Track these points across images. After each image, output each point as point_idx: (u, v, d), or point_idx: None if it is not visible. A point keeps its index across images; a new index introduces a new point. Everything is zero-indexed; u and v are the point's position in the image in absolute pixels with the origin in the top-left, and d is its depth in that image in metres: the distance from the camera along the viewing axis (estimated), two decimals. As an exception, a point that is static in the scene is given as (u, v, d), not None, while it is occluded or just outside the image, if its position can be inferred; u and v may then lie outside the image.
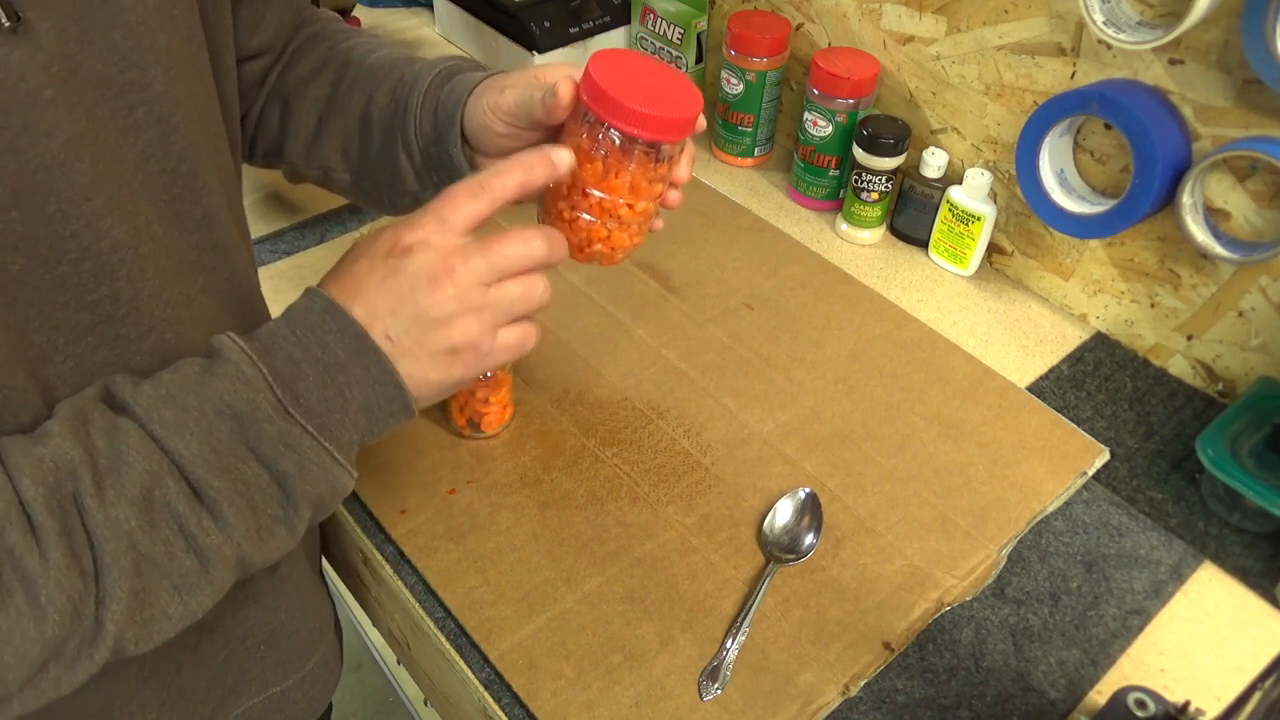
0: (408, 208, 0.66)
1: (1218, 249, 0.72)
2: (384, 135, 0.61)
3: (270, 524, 0.45)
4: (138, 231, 0.45)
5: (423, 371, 0.48)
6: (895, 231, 0.95)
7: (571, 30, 1.07)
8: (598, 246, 0.56)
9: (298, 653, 0.65)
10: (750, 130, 1.01)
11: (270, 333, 0.46)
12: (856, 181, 0.91)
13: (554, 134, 0.57)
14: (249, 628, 0.60)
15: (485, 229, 0.51)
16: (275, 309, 0.81)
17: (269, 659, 0.63)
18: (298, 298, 0.48)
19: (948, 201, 0.88)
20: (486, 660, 0.60)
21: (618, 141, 0.52)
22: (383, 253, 0.48)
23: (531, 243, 0.50)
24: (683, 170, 0.57)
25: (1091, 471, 0.74)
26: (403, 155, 0.61)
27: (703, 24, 1.07)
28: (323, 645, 0.67)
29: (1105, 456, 0.75)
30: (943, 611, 0.64)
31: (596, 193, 0.54)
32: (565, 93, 0.52)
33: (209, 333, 0.51)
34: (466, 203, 0.50)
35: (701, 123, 0.55)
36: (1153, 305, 0.82)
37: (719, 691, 0.59)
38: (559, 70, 0.56)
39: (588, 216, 0.55)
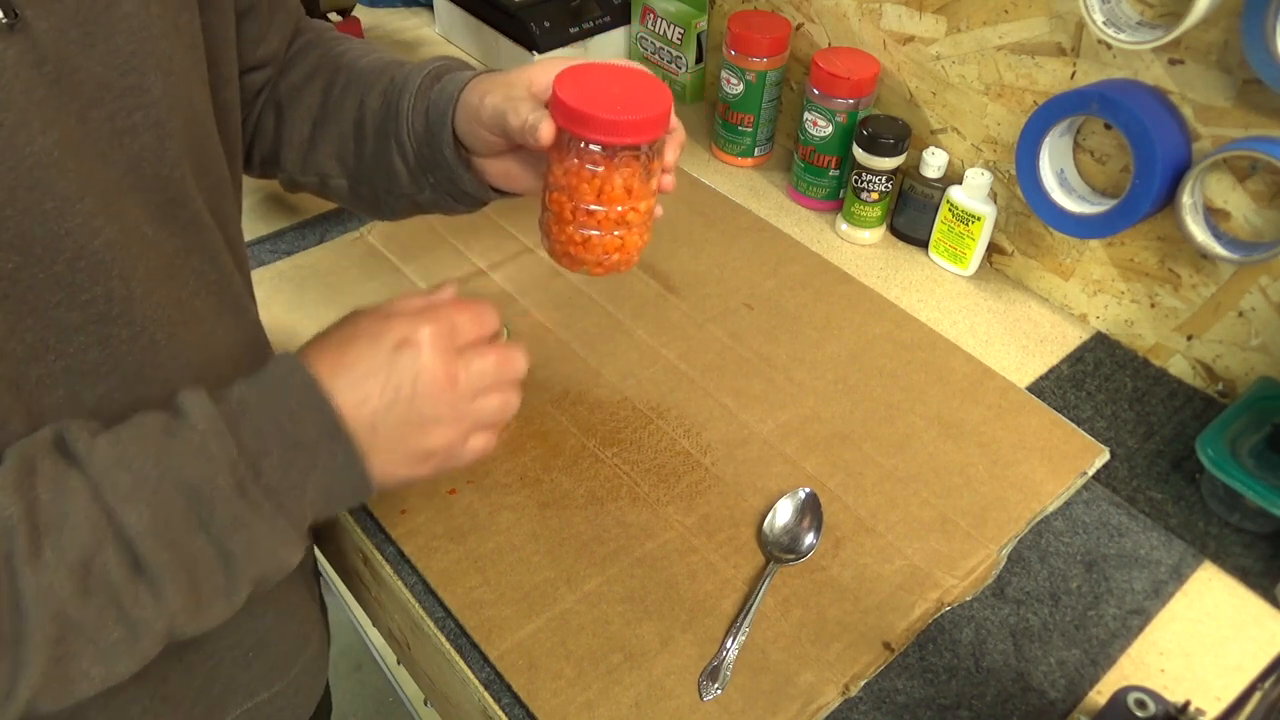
0: (405, 212, 0.66)
1: (1218, 249, 0.72)
2: (377, 139, 0.61)
3: (209, 597, 0.44)
4: (128, 232, 0.45)
5: (392, 466, 0.48)
6: (895, 231, 0.95)
7: (571, 30, 1.07)
8: (615, 256, 0.57)
9: (284, 658, 0.64)
10: (750, 130, 1.01)
11: (241, 399, 0.45)
12: (856, 181, 0.91)
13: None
14: (238, 635, 0.59)
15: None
16: (275, 308, 0.82)
17: (256, 666, 0.62)
18: (275, 361, 0.46)
19: (948, 201, 0.88)
20: (486, 660, 0.60)
21: (602, 152, 0.53)
22: (389, 341, 0.47)
23: (517, 361, 0.52)
24: (670, 155, 0.57)
25: (1091, 471, 0.74)
26: (397, 158, 0.61)
27: (703, 24, 1.07)
28: (308, 651, 0.67)
29: (1105, 456, 0.75)
30: (943, 611, 0.64)
31: (598, 208, 0.54)
32: (547, 133, 0.53)
33: (200, 335, 0.51)
34: (485, 321, 0.51)
35: (676, 122, 0.56)
36: (1153, 305, 0.82)
37: (719, 691, 0.59)
38: (544, 72, 0.55)
39: (597, 232, 0.55)
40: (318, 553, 0.82)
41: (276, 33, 0.62)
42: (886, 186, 0.90)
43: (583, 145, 0.53)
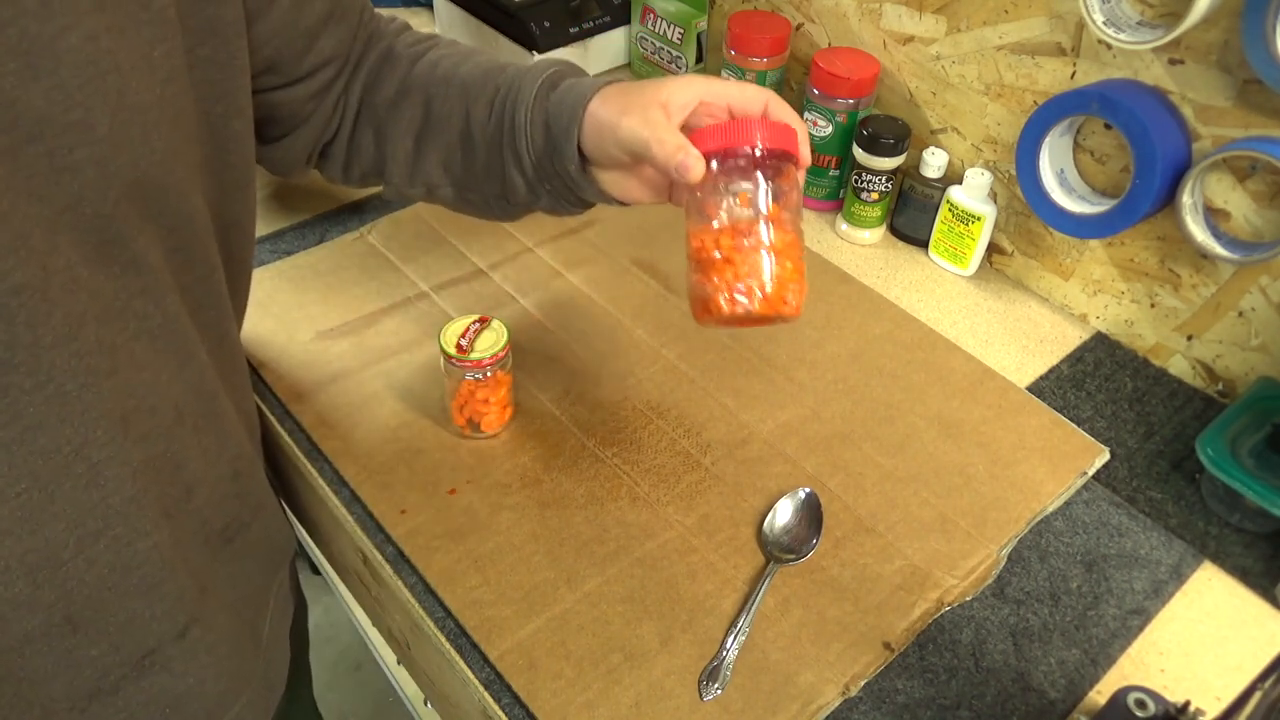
0: (517, 215, 0.65)
1: (1218, 249, 0.72)
2: (489, 151, 0.61)
3: None
4: (51, 274, 0.42)
5: None
6: (895, 231, 0.95)
7: (571, 30, 1.07)
8: (775, 285, 0.53)
9: (206, 714, 0.60)
10: (750, 130, 1.01)
11: None
12: (856, 181, 0.91)
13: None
14: (153, 694, 0.56)
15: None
16: (275, 308, 0.82)
17: None
18: None
19: (948, 201, 0.88)
20: (486, 660, 0.60)
21: (746, 166, 0.53)
22: None
23: None
24: (800, 177, 0.56)
25: (1091, 471, 0.74)
26: (513, 170, 0.60)
27: (703, 24, 1.07)
28: (239, 703, 0.62)
29: (1105, 456, 0.75)
30: (943, 611, 0.64)
31: (748, 229, 0.53)
32: (699, 172, 0.52)
33: (134, 383, 0.48)
34: None
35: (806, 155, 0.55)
36: (1153, 305, 0.82)
37: (719, 691, 0.58)
38: (681, 91, 0.54)
39: (750, 261, 0.53)
40: (318, 555, 0.82)
41: (329, 43, 0.60)
42: (886, 186, 0.90)
43: (727, 166, 0.53)
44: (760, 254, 0.53)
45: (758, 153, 0.53)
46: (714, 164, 0.53)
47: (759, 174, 0.53)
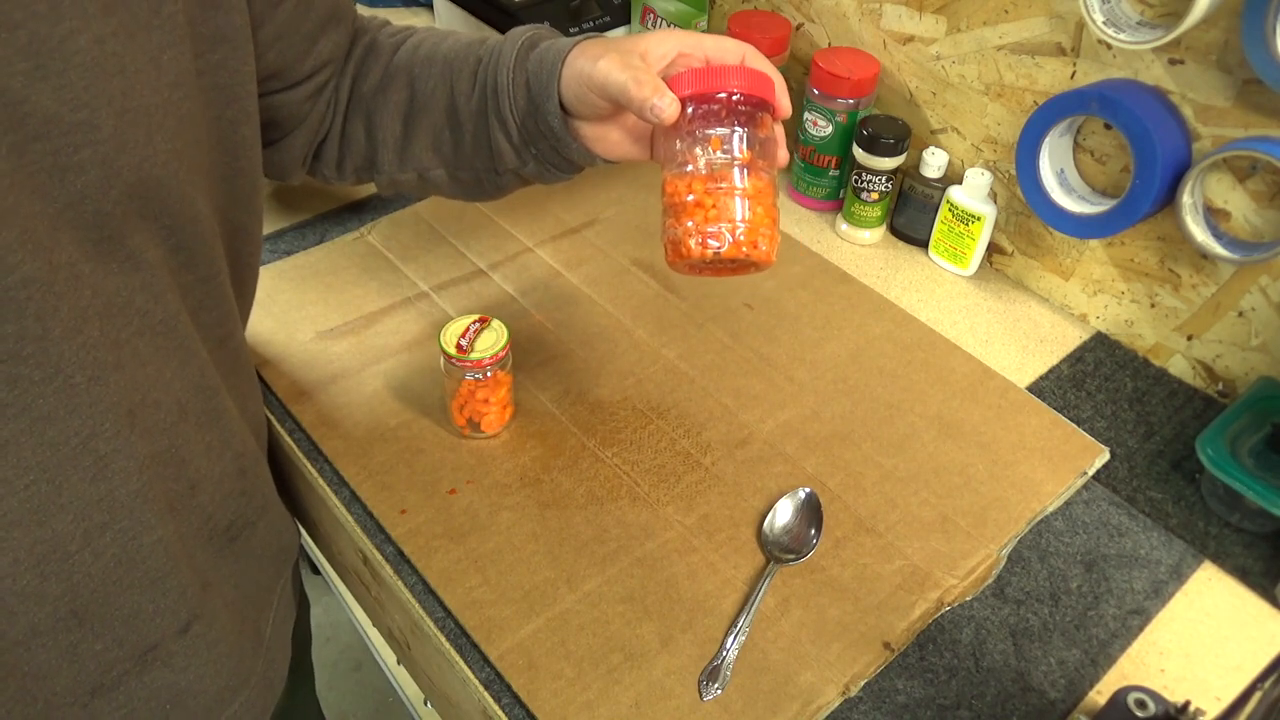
0: (508, 188, 0.66)
1: (1218, 249, 0.72)
2: (476, 120, 0.62)
3: None
4: (56, 270, 0.42)
5: None
6: (895, 231, 0.95)
7: (571, 30, 1.07)
8: (744, 229, 0.53)
9: (206, 710, 0.60)
10: (750, 130, 1.01)
11: None
12: (856, 181, 0.91)
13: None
14: (154, 689, 0.56)
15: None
16: (275, 308, 0.82)
17: (174, 717, 0.58)
18: None
19: (948, 201, 0.88)
20: (486, 660, 0.60)
21: (723, 112, 0.53)
22: None
23: None
24: (779, 129, 0.57)
25: (1091, 471, 0.74)
26: (500, 135, 0.61)
27: (703, 24, 1.07)
28: (237, 701, 0.62)
29: (1105, 456, 0.75)
30: (943, 611, 0.64)
31: (723, 172, 0.53)
32: (673, 112, 0.53)
33: (137, 378, 0.48)
34: None
35: (785, 104, 0.56)
36: (1153, 305, 0.82)
37: (719, 691, 0.58)
38: (659, 43, 0.55)
39: (723, 203, 0.53)
40: (318, 554, 0.82)
41: (327, 46, 0.61)
42: (886, 186, 0.90)
43: (703, 111, 0.53)
44: (733, 198, 0.53)
45: (734, 98, 0.53)
46: (690, 109, 0.54)
47: (734, 120, 0.53)
